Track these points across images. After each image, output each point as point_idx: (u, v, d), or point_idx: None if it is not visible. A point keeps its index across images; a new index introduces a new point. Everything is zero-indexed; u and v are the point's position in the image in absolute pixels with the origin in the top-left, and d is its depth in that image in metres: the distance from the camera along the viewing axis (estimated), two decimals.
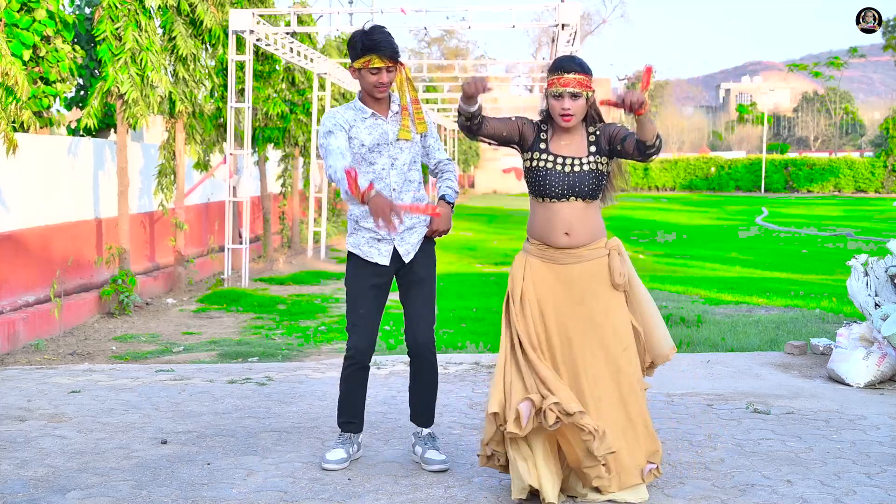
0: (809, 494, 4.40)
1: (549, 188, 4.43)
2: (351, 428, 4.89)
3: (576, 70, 4.37)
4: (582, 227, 4.43)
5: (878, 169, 49.51)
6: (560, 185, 4.41)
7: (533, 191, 4.49)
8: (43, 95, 8.94)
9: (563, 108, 4.37)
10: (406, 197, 4.73)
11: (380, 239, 4.69)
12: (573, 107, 4.38)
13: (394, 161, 4.71)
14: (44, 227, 9.68)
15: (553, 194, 4.42)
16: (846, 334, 6.95)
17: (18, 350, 8.30)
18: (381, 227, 4.21)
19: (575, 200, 4.43)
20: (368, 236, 4.72)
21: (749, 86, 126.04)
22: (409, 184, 4.75)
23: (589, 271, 4.43)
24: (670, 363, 7.28)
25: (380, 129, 4.69)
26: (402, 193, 4.72)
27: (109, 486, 4.55)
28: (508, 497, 4.37)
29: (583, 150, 4.47)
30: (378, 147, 4.68)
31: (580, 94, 4.37)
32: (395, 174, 4.70)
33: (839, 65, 64.34)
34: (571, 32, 13.03)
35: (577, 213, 4.43)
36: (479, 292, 12.07)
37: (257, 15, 12.72)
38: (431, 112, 32.64)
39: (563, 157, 4.44)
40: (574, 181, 4.41)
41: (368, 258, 4.72)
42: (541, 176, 4.44)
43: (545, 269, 4.47)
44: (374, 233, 4.68)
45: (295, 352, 8.25)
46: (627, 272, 4.47)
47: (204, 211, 14.85)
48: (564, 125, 4.42)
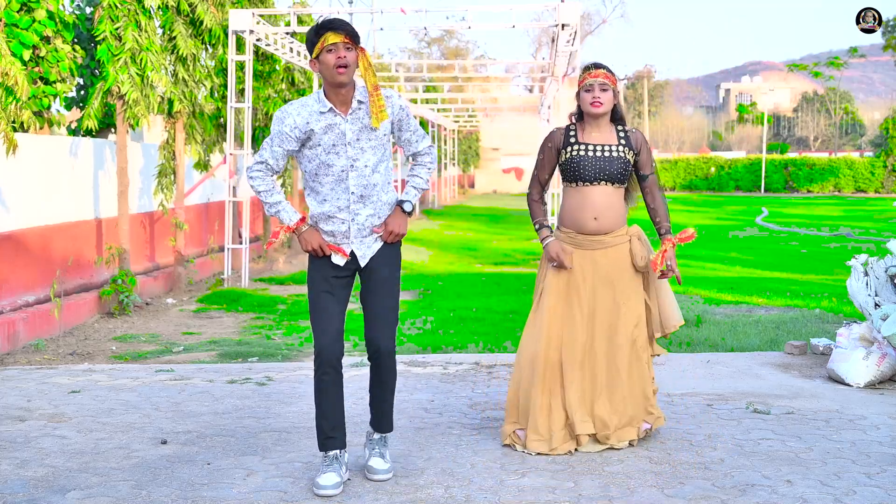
0: (809, 494, 4.40)
1: (582, 172, 5.00)
2: (333, 444, 4.51)
3: (604, 68, 5.05)
4: (609, 214, 5.03)
5: (878, 169, 49.50)
6: (593, 168, 5.00)
7: (567, 177, 5.07)
8: (43, 95, 8.94)
9: (594, 96, 4.98)
10: (366, 202, 4.47)
11: (338, 241, 4.53)
12: (602, 96, 4.99)
13: (353, 163, 4.41)
14: (44, 227, 9.68)
15: (586, 177, 5.00)
16: (846, 334, 6.95)
17: (18, 350, 8.31)
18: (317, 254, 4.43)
19: (605, 185, 5.02)
20: (328, 238, 4.54)
21: (749, 86, 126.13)
22: (370, 188, 4.46)
23: (613, 256, 5.06)
24: (670, 363, 7.29)
25: (337, 129, 4.40)
26: (362, 198, 4.46)
27: (109, 486, 4.55)
28: (509, 497, 4.37)
29: (613, 139, 5.08)
30: (335, 148, 4.41)
31: (608, 87, 5.00)
32: (354, 177, 4.42)
33: (839, 65, 64.37)
34: (571, 32, 13.04)
35: (606, 198, 5.03)
36: (479, 292, 12.07)
37: (257, 15, 12.72)
38: (431, 112, 32.62)
39: (594, 145, 5.04)
40: (605, 165, 5.00)
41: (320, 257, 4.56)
42: (575, 163, 5.02)
43: (576, 253, 5.07)
44: (333, 236, 4.53)
45: (295, 352, 8.25)
46: (647, 256, 5.08)
47: (204, 211, 14.85)
48: (595, 111, 5.00)
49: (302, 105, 4.44)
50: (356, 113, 4.43)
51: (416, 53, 64.34)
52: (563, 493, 4.42)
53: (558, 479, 4.62)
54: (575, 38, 13.29)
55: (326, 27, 4.34)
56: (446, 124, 37.02)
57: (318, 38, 4.34)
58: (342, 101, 4.42)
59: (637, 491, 4.46)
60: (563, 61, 15.26)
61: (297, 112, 4.42)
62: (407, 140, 4.64)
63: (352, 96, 4.43)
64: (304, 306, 10.99)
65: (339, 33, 4.32)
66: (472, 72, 36.71)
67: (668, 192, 52.68)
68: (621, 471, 4.75)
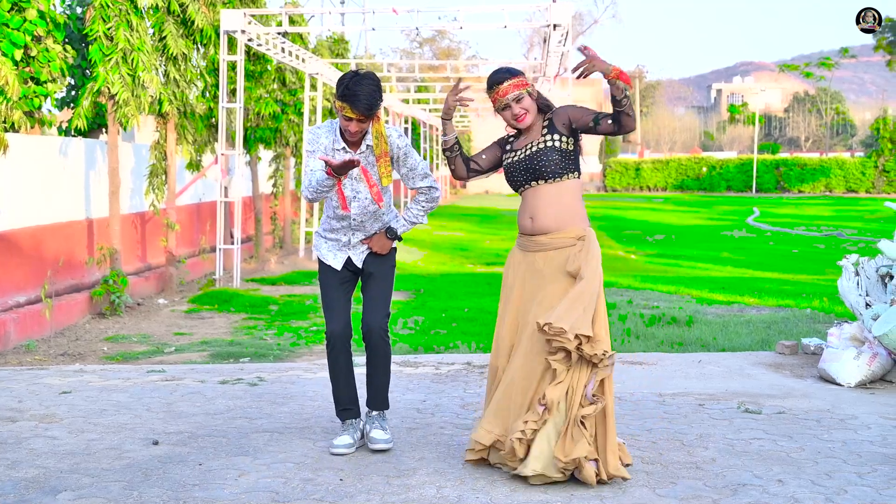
0: (801, 494, 4.41)
1: (514, 178, 4.77)
2: (349, 415, 5.13)
3: (506, 78, 4.71)
4: (546, 213, 4.67)
5: (869, 169, 49.60)
6: (519, 171, 4.74)
7: (511, 187, 4.83)
8: (34, 95, 8.91)
9: (514, 113, 4.71)
10: (366, 225, 5.05)
11: (338, 249, 5.11)
12: (520, 107, 4.70)
13: (356, 195, 4.97)
14: (35, 228, 9.66)
15: (518, 182, 4.76)
16: (837, 334, 6.97)
17: (9, 351, 8.28)
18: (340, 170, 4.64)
19: (537, 184, 4.70)
20: (331, 245, 5.13)
21: (740, 86, 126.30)
22: (370, 215, 5.03)
23: (551, 258, 4.66)
24: (662, 363, 7.30)
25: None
26: (364, 223, 5.05)
27: (101, 487, 4.54)
28: (501, 498, 4.38)
29: (536, 134, 4.77)
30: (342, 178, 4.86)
31: (521, 96, 4.69)
32: (356, 206, 4.98)
33: (830, 65, 64.48)
34: (563, 33, 13.06)
35: (542, 198, 4.69)
36: (470, 292, 12.07)
37: (249, 15, 12.70)
38: (422, 112, 32.64)
39: (520, 149, 4.77)
40: (530, 163, 4.70)
41: (325, 261, 5.15)
42: (509, 172, 4.79)
43: (520, 255, 4.81)
44: (336, 242, 5.10)
45: (286, 352, 8.24)
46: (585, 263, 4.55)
47: (195, 211, 14.83)
48: (521, 126, 4.75)
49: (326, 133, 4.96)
50: (364, 153, 4.95)
51: (407, 54, 64.33)
52: (555, 494, 4.43)
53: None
54: (566, 38, 13.31)
55: (347, 98, 4.70)
56: (438, 124, 37.02)
57: (340, 100, 4.75)
58: (354, 142, 4.95)
59: (629, 490, 4.46)
60: (554, 61, 15.28)
61: (322, 139, 4.96)
62: (405, 175, 5.06)
63: (362, 138, 4.94)
64: (296, 307, 10.99)
65: (356, 112, 4.73)
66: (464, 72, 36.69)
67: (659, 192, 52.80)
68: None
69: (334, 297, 5.12)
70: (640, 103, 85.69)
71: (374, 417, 5.18)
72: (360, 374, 5.46)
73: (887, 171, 48.63)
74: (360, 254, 5.11)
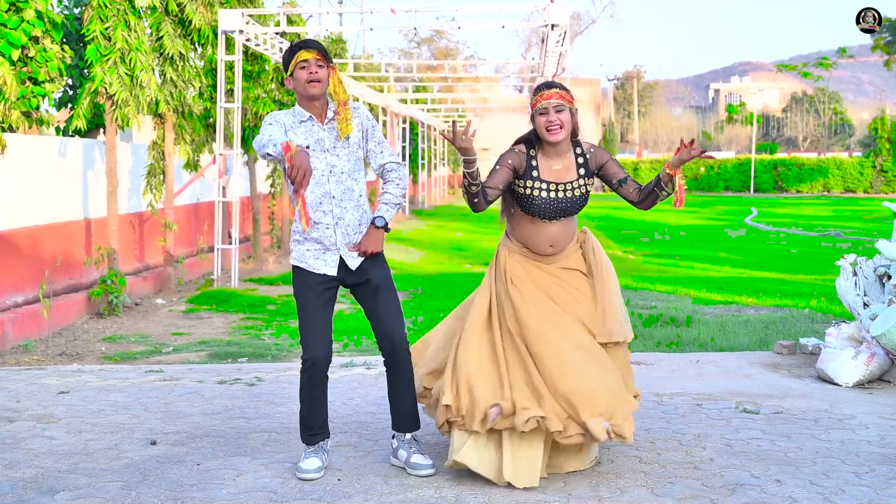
0: (798, 494, 4.41)
1: (540, 212, 4.76)
2: (317, 440, 4.79)
3: (557, 87, 4.75)
4: (565, 239, 4.85)
5: (867, 169, 49.64)
6: (552, 209, 4.76)
7: (523, 209, 4.79)
8: (32, 95, 8.91)
9: (549, 120, 4.68)
10: (348, 206, 4.72)
11: (326, 250, 4.72)
12: (558, 119, 4.68)
13: (332, 168, 4.69)
14: (33, 228, 9.65)
15: (544, 216, 4.77)
16: (835, 334, 6.97)
17: (7, 351, 8.28)
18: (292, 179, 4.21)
19: (563, 218, 4.80)
20: (315, 248, 4.73)
21: (738, 86, 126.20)
22: (349, 192, 4.72)
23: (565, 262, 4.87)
24: (660, 363, 7.30)
25: (315, 136, 4.70)
26: (343, 202, 4.71)
27: (98, 487, 4.53)
28: (499, 497, 4.38)
29: (572, 173, 4.80)
30: (314, 153, 4.68)
31: (563, 107, 4.69)
32: (334, 181, 4.69)
33: (828, 65, 64.58)
34: (561, 33, 13.06)
35: (562, 228, 4.82)
36: (468, 292, 12.03)
37: (246, 15, 12.70)
38: (420, 112, 32.63)
39: (555, 184, 4.75)
40: (565, 206, 4.77)
41: (316, 270, 4.72)
42: (535, 203, 4.74)
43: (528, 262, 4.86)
44: (320, 244, 4.71)
45: (284, 352, 8.24)
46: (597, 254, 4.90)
47: (193, 211, 14.82)
48: (552, 139, 4.70)
49: (284, 113, 4.78)
50: (331, 123, 4.74)
51: (405, 53, 64.33)
52: (553, 493, 4.43)
53: (548, 479, 4.62)
54: (564, 38, 13.31)
55: (300, 46, 4.70)
56: (436, 124, 37.01)
57: (292, 56, 4.69)
58: (317, 112, 4.75)
59: (627, 490, 4.46)
60: (552, 61, 15.29)
61: (282, 116, 4.76)
62: (371, 150, 4.85)
63: (326, 108, 4.76)
64: (294, 307, 10.97)
65: (311, 51, 4.67)
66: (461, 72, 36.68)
67: None
68: (611, 470, 4.76)
69: (316, 318, 4.69)
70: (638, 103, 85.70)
71: (409, 441, 4.84)
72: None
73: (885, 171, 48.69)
74: (351, 258, 4.72)
